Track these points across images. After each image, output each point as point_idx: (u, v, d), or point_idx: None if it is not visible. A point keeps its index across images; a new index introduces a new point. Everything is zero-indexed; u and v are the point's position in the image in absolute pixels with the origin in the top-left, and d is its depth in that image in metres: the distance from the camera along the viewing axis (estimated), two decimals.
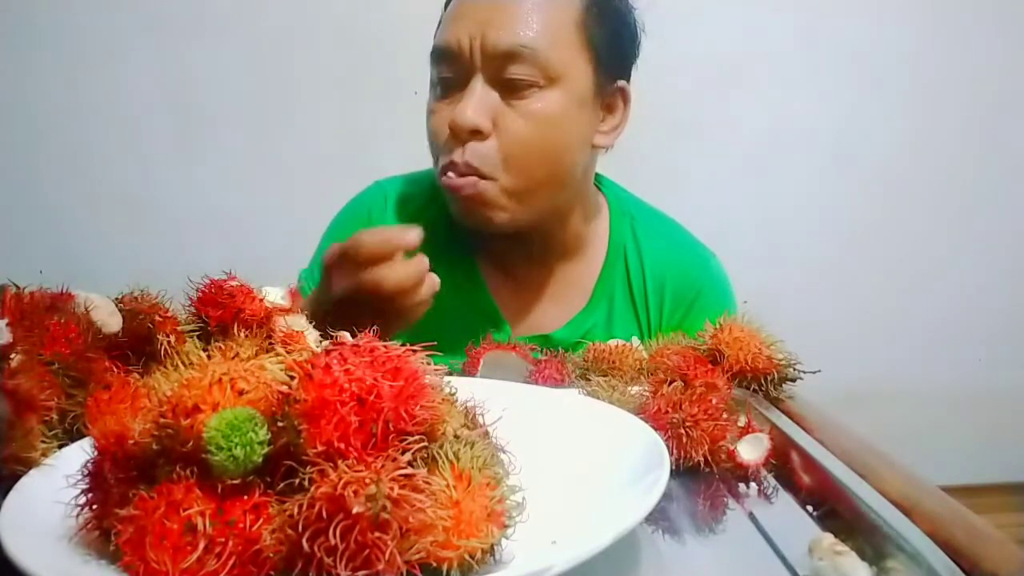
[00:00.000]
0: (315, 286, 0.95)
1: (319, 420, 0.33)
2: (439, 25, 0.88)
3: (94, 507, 0.36)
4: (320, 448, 0.32)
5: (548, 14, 0.81)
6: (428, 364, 0.36)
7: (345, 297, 0.72)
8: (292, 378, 0.34)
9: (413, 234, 0.71)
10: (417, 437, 0.34)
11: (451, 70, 0.83)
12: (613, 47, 0.86)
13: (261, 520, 0.33)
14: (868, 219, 1.80)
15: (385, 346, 0.35)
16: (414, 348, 0.36)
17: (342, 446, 0.32)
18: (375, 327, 0.71)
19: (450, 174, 0.82)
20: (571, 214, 0.92)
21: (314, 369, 0.34)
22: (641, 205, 1.00)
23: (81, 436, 0.45)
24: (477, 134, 0.80)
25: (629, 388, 0.62)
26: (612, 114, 0.89)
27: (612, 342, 0.71)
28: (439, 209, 0.95)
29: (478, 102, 0.80)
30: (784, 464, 0.55)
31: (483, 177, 0.81)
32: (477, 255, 0.94)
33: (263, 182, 1.64)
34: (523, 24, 0.80)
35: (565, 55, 0.82)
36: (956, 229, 1.83)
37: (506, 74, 0.80)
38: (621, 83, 0.89)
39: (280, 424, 0.34)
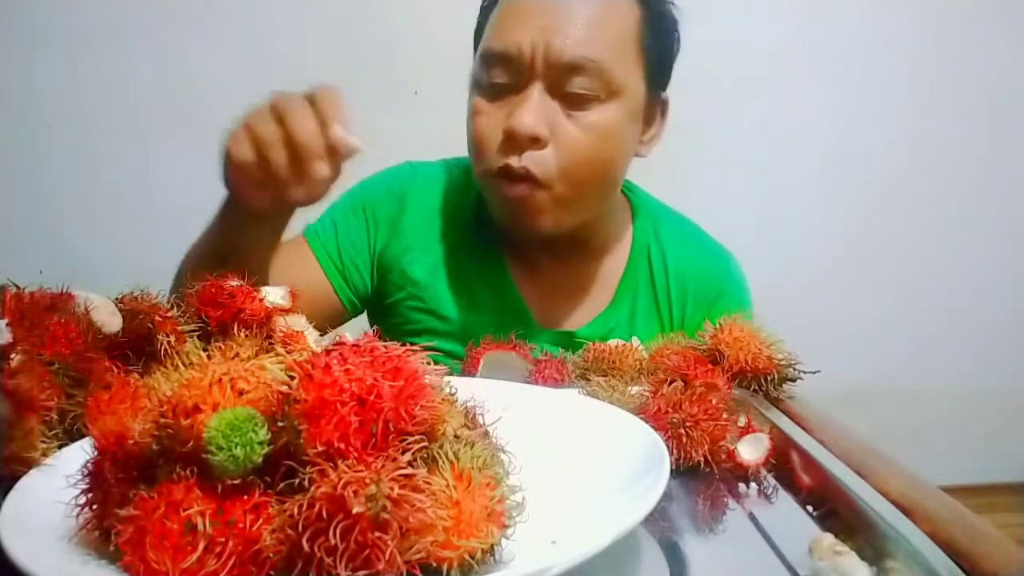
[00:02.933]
0: (324, 241, 0.93)
1: (319, 420, 0.33)
2: (487, 22, 0.85)
3: (94, 507, 0.36)
4: (320, 448, 0.32)
5: (611, 26, 0.80)
6: (428, 364, 0.36)
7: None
8: (292, 378, 0.34)
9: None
10: (417, 437, 0.34)
11: (507, 75, 0.80)
12: (664, 61, 0.87)
13: (261, 520, 0.33)
14: (868, 219, 1.80)
15: (385, 346, 0.35)
16: (414, 348, 0.36)
17: (342, 446, 0.32)
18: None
19: (502, 181, 0.81)
20: (601, 216, 0.92)
21: (314, 369, 0.34)
22: (663, 207, 1.01)
23: (81, 436, 0.45)
24: (536, 142, 0.79)
25: (629, 388, 0.62)
26: (651, 125, 0.89)
27: (612, 342, 0.71)
28: (470, 200, 0.95)
29: (536, 110, 0.78)
30: (784, 464, 0.55)
31: (538, 185, 0.80)
32: (505, 250, 0.94)
33: None
34: (589, 35, 0.78)
35: (625, 69, 0.81)
36: (956, 229, 1.83)
37: (568, 86, 0.79)
38: (664, 95, 0.90)
39: (280, 424, 0.33)
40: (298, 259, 0.90)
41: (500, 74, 0.81)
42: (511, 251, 0.94)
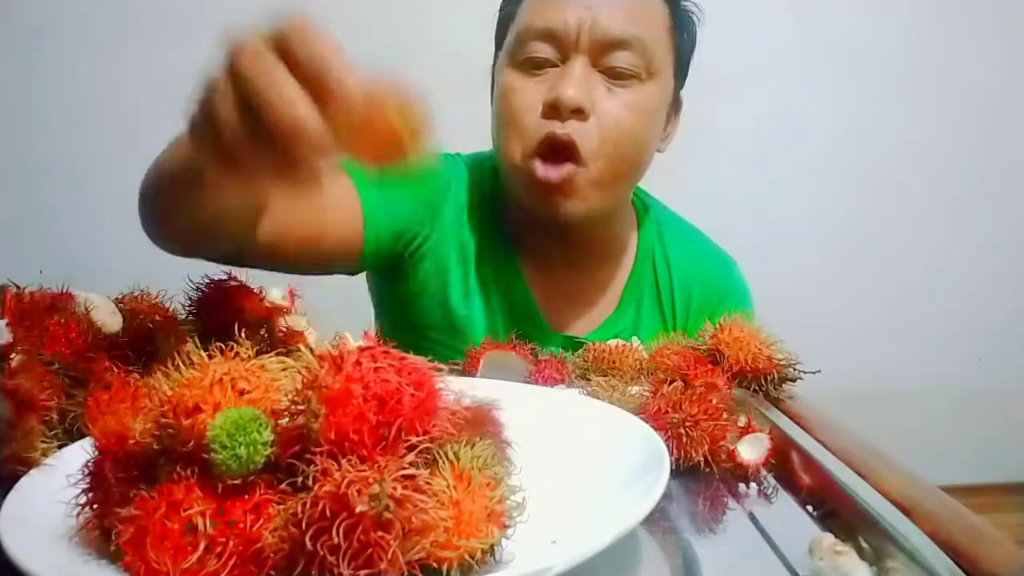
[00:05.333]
0: (366, 179, 0.80)
1: (339, 409, 0.33)
2: (517, 12, 0.85)
3: (94, 507, 0.36)
4: (334, 437, 0.33)
5: (649, 11, 0.83)
6: (445, 374, 0.37)
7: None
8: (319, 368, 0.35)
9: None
10: (421, 438, 0.34)
11: (548, 49, 0.81)
12: (686, 56, 0.90)
13: (262, 520, 0.33)
14: (868, 219, 1.80)
15: (414, 358, 0.36)
16: (440, 367, 0.37)
17: (355, 438, 0.33)
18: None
19: (539, 163, 0.79)
20: (616, 217, 0.92)
21: (343, 362, 0.34)
22: (667, 211, 1.01)
23: (81, 436, 0.45)
24: (579, 113, 0.79)
25: (629, 388, 0.62)
26: (669, 122, 0.91)
27: (612, 342, 0.71)
28: (488, 198, 0.94)
29: (580, 83, 0.79)
30: (784, 464, 0.55)
31: (580, 162, 0.80)
32: (519, 252, 0.94)
33: None
34: (633, 15, 0.81)
35: (661, 54, 0.83)
36: (956, 229, 1.84)
37: (611, 61, 0.80)
38: (681, 95, 0.92)
39: (300, 407, 0.34)
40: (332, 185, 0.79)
41: (540, 48, 0.81)
42: (525, 253, 0.94)
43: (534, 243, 0.92)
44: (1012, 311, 1.85)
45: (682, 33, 0.87)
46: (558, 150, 0.79)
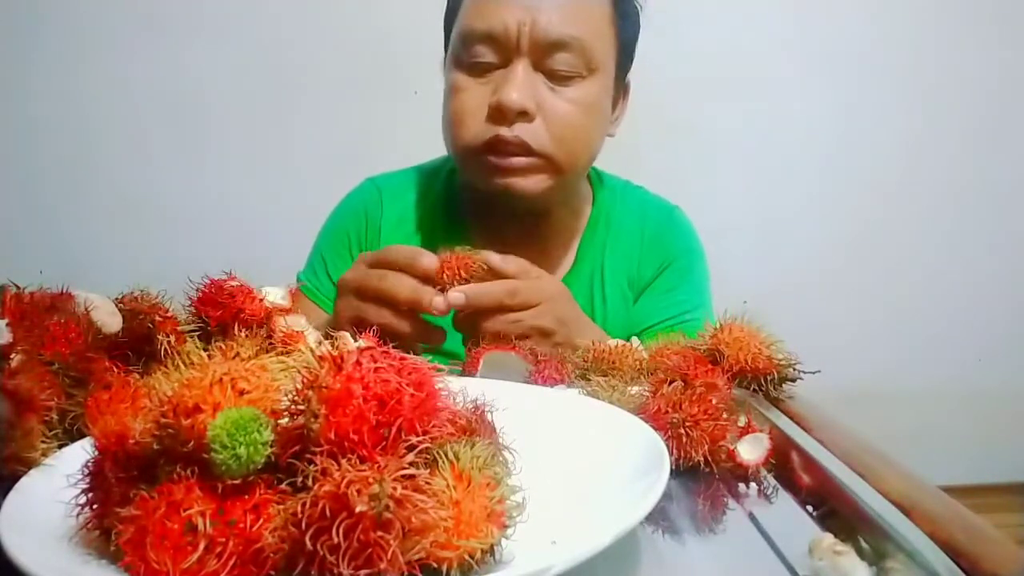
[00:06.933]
0: (318, 285, 0.96)
1: (339, 409, 0.33)
2: (461, 4, 0.87)
3: (94, 507, 0.36)
4: (334, 437, 0.33)
5: (589, 6, 0.84)
6: (445, 378, 0.37)
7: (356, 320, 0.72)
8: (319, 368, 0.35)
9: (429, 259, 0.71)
10: (421, 438, 0.34)
11: (491, 52, 0.83)
12: (630, 45, 0.91)
13: (262, 520, 0.33)
14: (868, 219, 1.80)
15: (414, 358, 0.36)
16: (440, 368, 0.37)
17: (355, 438, 0.33)
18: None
19: (492, 155, 0.83)
20: (572, 195, 0.96)
21: (343, 362, 0.34)
22: (620, 180, 1.06)
23: (81, 436, 0.45)
24: (524, 115, 0.81)
25: (629, 388, 0.62)
26: (617, 106, 0.94)
27: (612, 342, 0.71)
28: (434, 200, 0.99)
29: (522, 85, 0.81)
30: (784, 464, 0.55)
31: (533, 154, 0.82)
32: (475, 238, 0.95)
33: (263, 182, 1.64)
34: (572, 15, 0.82)
35: (602, 49, 0.85)
36: (956, 229, 1.84)
37: (552, 63, 0.82)
38: (627, 78, 0.94)
39: (300, 407, 0.34)
40: (308, 314, 0.94)
41: (484, 52, 0.83)
42: (481, 237, 0.95)
43: (490, 224, 0.95)
44: (1012, 311, 1.85)
45: (624, 23, 0.88)
46: (509, 148, 0.82)
